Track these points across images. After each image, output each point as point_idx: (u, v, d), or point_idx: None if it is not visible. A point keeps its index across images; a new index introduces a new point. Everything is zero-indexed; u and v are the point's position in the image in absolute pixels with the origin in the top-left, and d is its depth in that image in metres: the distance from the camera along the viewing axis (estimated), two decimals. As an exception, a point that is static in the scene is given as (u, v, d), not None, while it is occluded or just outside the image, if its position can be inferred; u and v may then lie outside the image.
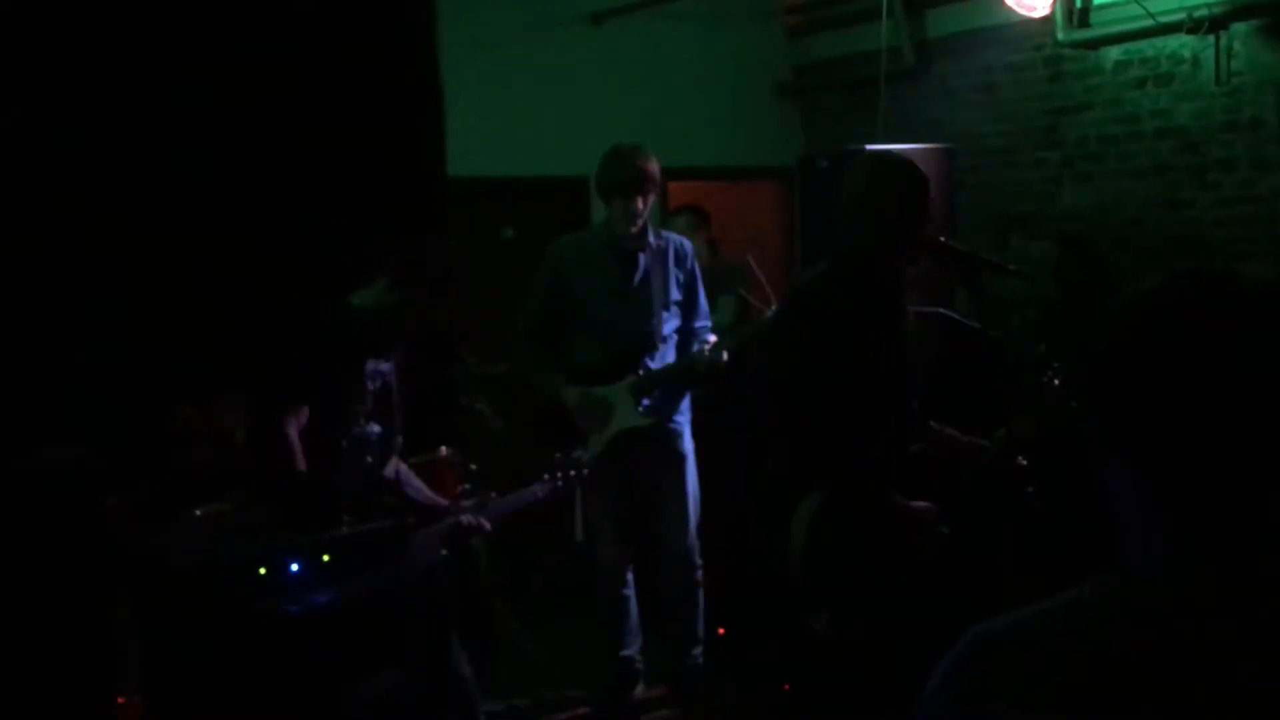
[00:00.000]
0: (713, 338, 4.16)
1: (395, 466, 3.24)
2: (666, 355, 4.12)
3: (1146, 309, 1.01)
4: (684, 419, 4.20)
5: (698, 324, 4.23)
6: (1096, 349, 1.03)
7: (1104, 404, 1.01)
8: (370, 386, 3.08)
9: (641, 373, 4.05)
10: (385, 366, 3.13)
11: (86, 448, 3.20)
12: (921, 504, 3.05)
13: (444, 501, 3.31)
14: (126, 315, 3.72)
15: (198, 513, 3.12)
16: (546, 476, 3.49)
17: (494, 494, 3.39)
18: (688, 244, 4.27)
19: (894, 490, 3.02)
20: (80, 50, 3.69)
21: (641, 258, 4.10)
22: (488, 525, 3.26)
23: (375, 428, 3.08)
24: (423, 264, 3.10)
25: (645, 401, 4.05)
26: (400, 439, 3.24)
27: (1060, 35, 5.28)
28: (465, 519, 3.19)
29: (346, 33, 4.28)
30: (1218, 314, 0.98)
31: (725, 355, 3.97)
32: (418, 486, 3.30)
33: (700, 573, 4.24)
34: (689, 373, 4.09)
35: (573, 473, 3.51)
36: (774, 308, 4.22)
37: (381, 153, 4.35)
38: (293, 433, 2.92)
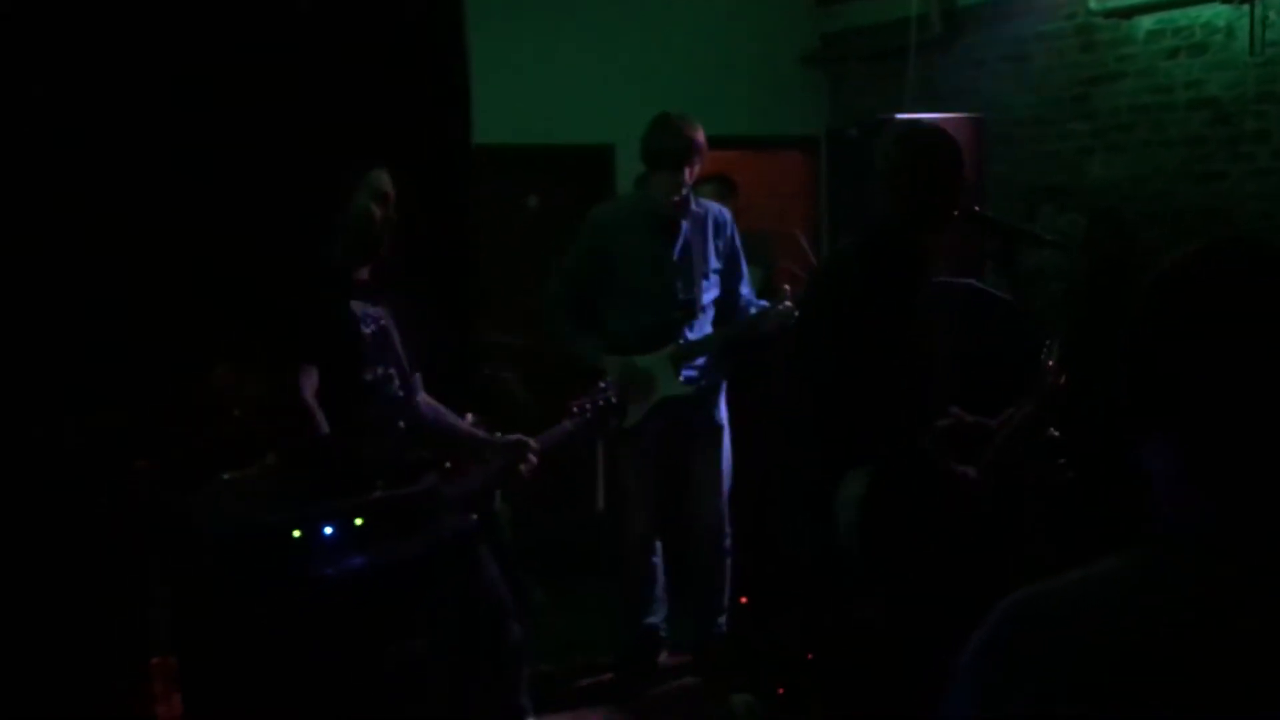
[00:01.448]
0: (764, 303, 4.17)
1: (424, 402, 3.23)
2: (705, 325, 4.12)
3: (1182, 279, 1.01)
4: (720, 390, 4.21)
5: (743, 290, 4.23)
6: (1133, 318, 1.03)
7: (1140, 373, 1.01)
8: (366, 329, 3.07)
9: (681, 342, 4.06)
10: (375, 310, 3.11)
11: (112, 411, 3.22)
12: (964, 469, 3.04)
13: (482, 434, 3.28)
14: (148, 286, 3.73)
15: (225, 477, 3.13)
16: (575, 410, 3.44)
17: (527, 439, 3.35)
18: (727, 212, 4.26)
19: (930, 445, 3.01)
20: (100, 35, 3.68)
21: (684, 226, 4.09)
22: (536, 457, 3.20)
23: (391, 370, 3.06)
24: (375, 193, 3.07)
25: (687, 371, 4.06)
26: (418, 377, 3.22)
27: (1092, 4, 5.22)
28: (528, 460, 3.14)
29: (371, 1, 4.25)
30: (1253, 284, 0.98)
31: (796, 312, 3.93)
32: (451, 422, 3.27)
33: (729, 542, 4.26)
34: (754, 333, 4.06)
35: (601, 402, 3.46)
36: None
37: (406, 120, 4.34)
38: (309, 397, 2.91)
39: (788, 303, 4.03)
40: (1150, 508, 1.04)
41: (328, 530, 2.46)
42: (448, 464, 3.36)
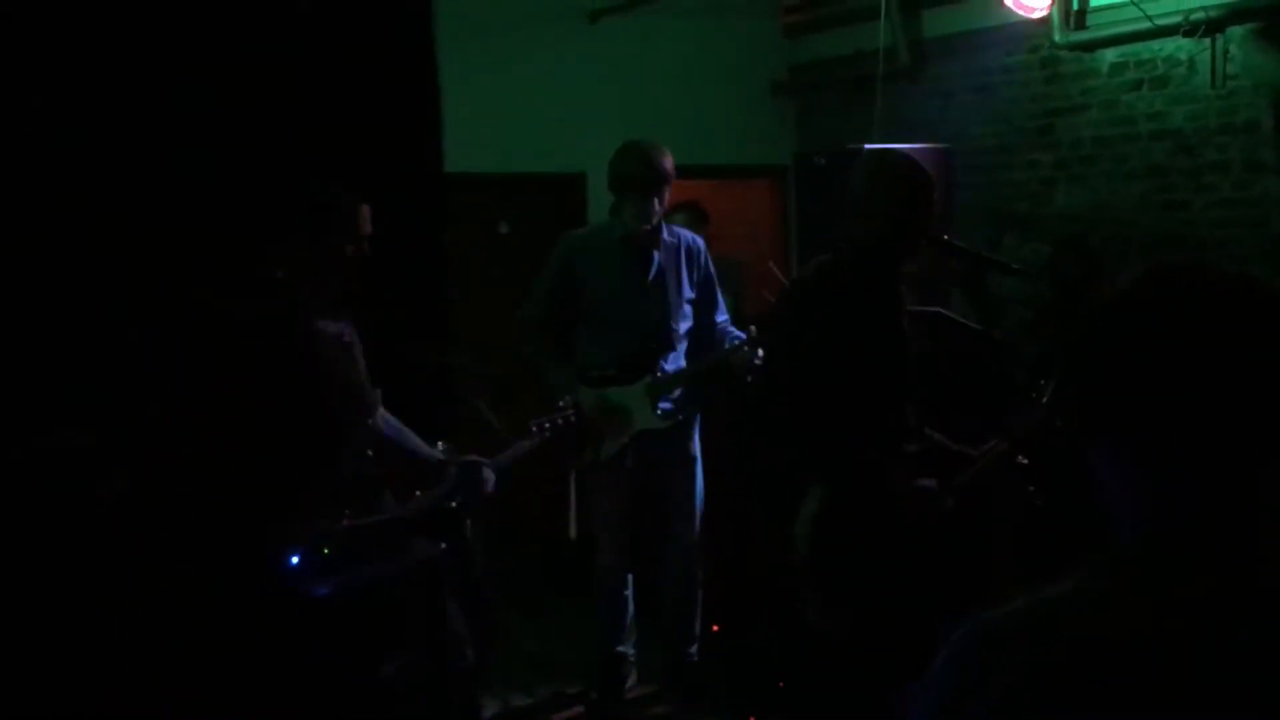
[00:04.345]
0: (735, 332, 4.16)
1: (383, 418, 3.22)
2: (680, 355, 4.11)
3: (1126, 299, 1.04)
4: (694, 420, 4.20)
5: (719, 319, 4.22)
6: (1081, 336, 1.06)
7: (1087, 389, 1.04)
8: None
9: (659, 374, 4.03)
10: (335, 327, 3.09)
11: (82, 432, 3.19)
12: (924, 482, 3.06)
13: (439, 455, 3.30)
14: (119, 303, 3.71)
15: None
16: (534, 429, 3.48)
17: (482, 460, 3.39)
18: (700, 241, 4.24)
19: (897, 470, 3.03)
20: (80, 49, 3.67)
21: (656, 255, 4.06)
22: (491, 477, 3.24)
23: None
24: (327, 215, 3.05)
25: (663, 404, 4.04)
26: (378, 391, 3.22)
27: (1057, 37, 5.31)
28: (483, 478, 3.18)
29: (344, 28, 4.26)
30: (1192, 303, 1.01)
31: (760, 353, 3.95)
32: (414, 443, 3.27)
33: (700, 571, 4.25)
34: (723, 370, 4.08)
35: (559, 420, 3.49)
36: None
37: (379, 148, 4.34)
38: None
39: (745, 346, 4.00)
40: (1109, 526, 1.06)
41: (294, 559, 2.44)
42: (418, 491, 3.35)
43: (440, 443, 4.06)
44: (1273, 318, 1.00)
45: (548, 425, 3.55)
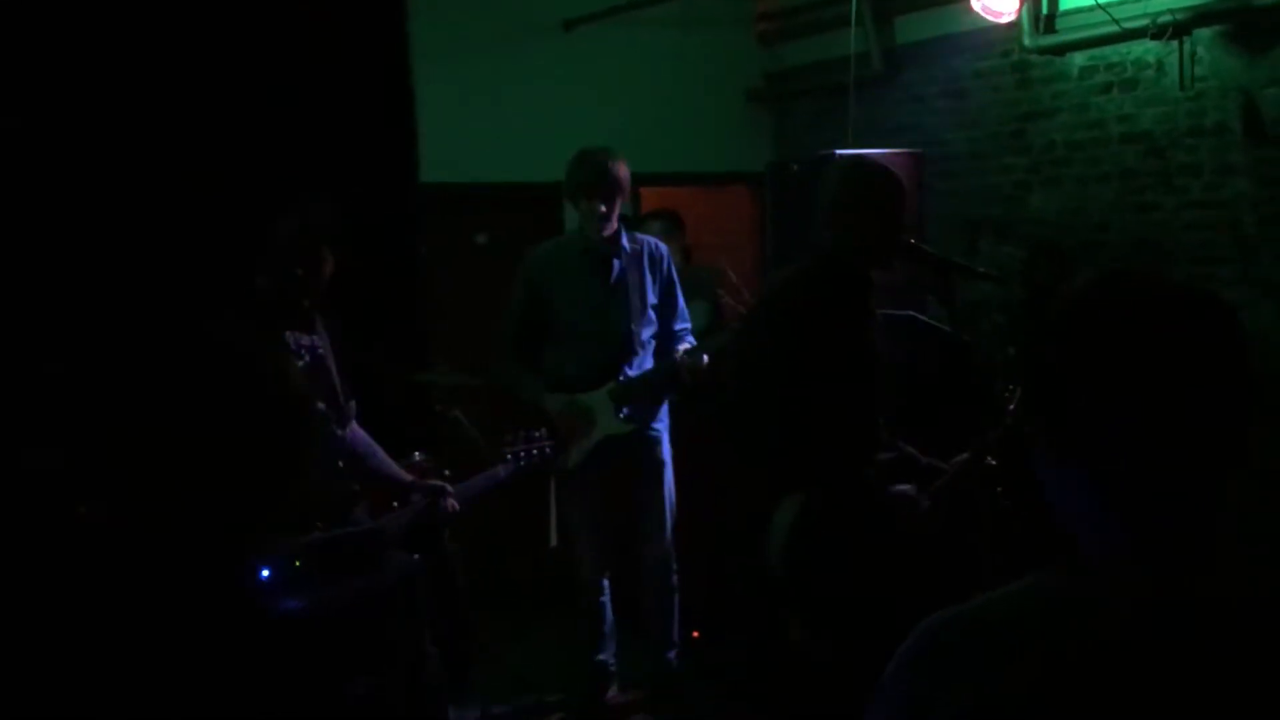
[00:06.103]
0: (692, 341, 4.19)
1: (353, 433, 3.21)
2: (645, 361, 4.13)
3: (1083, 316, 1.04)
4: (663, 426, 4.22)
5: (677, 327, 4.25)
6: (1038, 357, 1.06)
7: (1051, 411, 1.04)
8: (299, 363, 3.06)
9: (621, 379, 4.06)
10: (308, 340, 3.10)
11: (63, 449, 3.18)
12: (902, 487, 3.07)
13: (407, 477, 3.31)
14: (102, 316, 3.70)
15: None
16: (509, 456, 3.49)
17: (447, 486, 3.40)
18: (663, 247, 4.28)
19: (872, 478, 3.04)
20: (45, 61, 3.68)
21: (616, 262, 4.11)
22: (456, 505, 3.26)
23: (320, 405, 3.06)
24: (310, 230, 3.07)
25: (625, 409, 4.06)
26: (353, 404, 3.21)
27: (1026, 41, 5.34)
28: (446, 503, 3.19)
29: (318, 41, 4.27)
30: (1153, 320, 1.01)
31: (706, 359, 3.98)
32: (383, 462, 3.27)
33: (676, 577, 4.26)
34: (670, 378, 4.11)
35: (535, 451, 3.50)
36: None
37: (353, 160, 4.35)
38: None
39: (690, 351, 4.03)
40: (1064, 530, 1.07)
41: (265, 573, 2.43)
42: (394, 503, 3.35)
43: (417, 454, 4.07)
44: (1223, 332, 1.00)
45: (521, 452, 3.56)
